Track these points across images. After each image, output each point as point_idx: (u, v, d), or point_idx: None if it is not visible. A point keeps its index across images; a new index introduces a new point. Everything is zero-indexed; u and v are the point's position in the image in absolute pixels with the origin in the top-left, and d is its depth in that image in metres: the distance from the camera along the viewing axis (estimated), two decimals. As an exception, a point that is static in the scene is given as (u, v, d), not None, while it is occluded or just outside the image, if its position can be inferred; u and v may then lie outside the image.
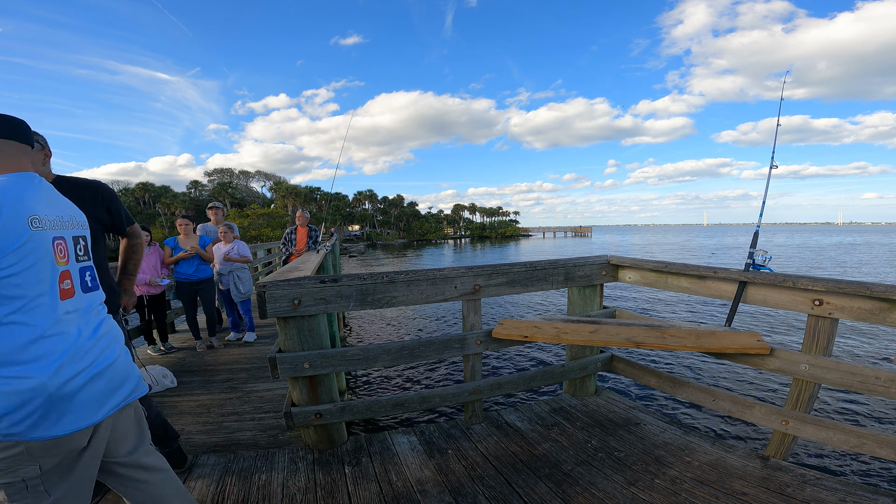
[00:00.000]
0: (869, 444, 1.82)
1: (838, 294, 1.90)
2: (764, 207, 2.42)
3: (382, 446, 2.35)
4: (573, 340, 2.37)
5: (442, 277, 2.39)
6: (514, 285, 2.59)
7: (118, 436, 1.26)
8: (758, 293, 2.20)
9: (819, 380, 1.95)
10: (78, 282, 1.21)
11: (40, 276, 1.09)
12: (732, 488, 1.86)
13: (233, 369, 4.11)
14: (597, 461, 2.14)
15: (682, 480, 1.95)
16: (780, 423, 2.06)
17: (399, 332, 9.56)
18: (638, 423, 2.53)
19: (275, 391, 3.47)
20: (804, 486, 1.85)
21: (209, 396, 3.42)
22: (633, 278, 2.79)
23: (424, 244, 67.14)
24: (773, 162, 2.34)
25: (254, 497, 1.93)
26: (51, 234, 1.14)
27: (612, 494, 1.87)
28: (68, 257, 1.19)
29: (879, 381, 1.77)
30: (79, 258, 1.24)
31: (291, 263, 4.44)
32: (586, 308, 2.89)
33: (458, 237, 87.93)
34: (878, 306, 1.80)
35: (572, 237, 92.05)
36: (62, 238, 1.18)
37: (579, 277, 2.77)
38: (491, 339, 2.52)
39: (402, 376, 6.36)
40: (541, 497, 1.87)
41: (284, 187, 66.18)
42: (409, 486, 1.97)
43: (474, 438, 2.42)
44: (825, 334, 1.97)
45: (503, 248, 48.53)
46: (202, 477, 2.09)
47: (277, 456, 2.29)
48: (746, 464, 2.05)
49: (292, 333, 2.19)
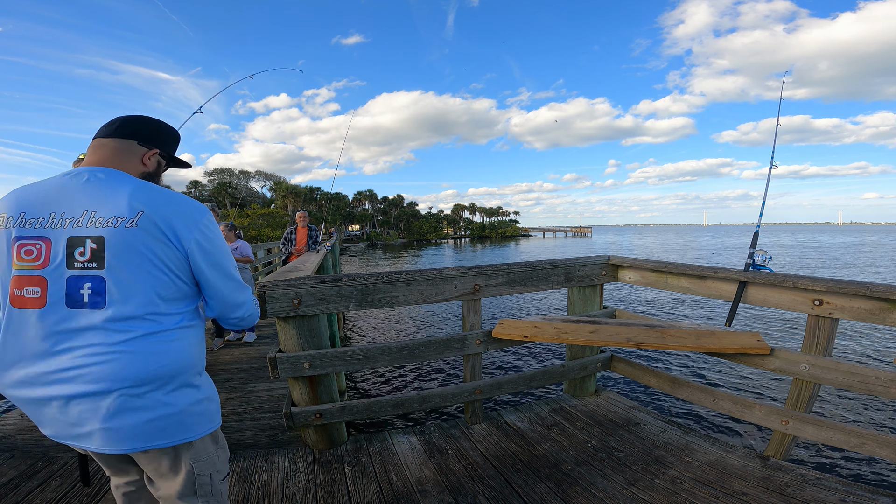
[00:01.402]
0: (869, 444, 1.82)
1: (838, 294, 1.90)
2: (764, 207, 2.42)
3: (382, 446, 2.35)
4: (573, 340, 2.37)
5: (442, 277, 2.39)
6: (514, 285, 2.59)
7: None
8: (758, 293, 2.20)
9: (819, 380, 1.95)
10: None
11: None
12: (732, 488, 1.86)
13: (233, 369, 4.11)
14: (597, 461, 2.14)
15: (682, 480, 1.95)
16: (780, 423, 2.06)
17: (399, 332, 9.56)
18: (638, 423, 2.53)
19: (275, 391, 3.47)
20: (804, 486, 1.85)
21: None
22: (633, 278, 2.79)
23: (424, 244, 67.15)
24: (773, 162, 2.34)
25: (254, 497, 1.93)
26: (11, 234, 1.00)
27: (612, 494, 1.87)
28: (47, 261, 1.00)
29: (879, 381, 1.77)
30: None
31: (291, 263, 4.44)
32: (586, 308, 2.89)
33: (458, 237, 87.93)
34: (878, 306, 1.80)
35: (572, 237, 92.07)
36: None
37: (579, 277, 2.77)
38: (491, 339, 2.52)
39: (402, 376, 6.36)
40: (541, 497, 1.87)
41: (284, 187, 66.18)
42: (409, 486, 1.97)
43: (474, 438, 2.42)
44: (825, 334, 1.97)
45: (503, 248, 48.54)
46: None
47: (277, 456, 2.29)
48: (746, 464, 2.05)
49: (292, 333, 2.19)
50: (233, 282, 1.18)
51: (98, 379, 0.96)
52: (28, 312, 0.97)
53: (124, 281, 0.99)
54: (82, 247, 0.98)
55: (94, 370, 0.96)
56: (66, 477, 2.08)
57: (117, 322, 0.99)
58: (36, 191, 1.03)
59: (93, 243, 0.98)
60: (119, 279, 0.99)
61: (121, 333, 0.99)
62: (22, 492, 1.96)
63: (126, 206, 0.99)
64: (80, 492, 1.95)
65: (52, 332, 0.97)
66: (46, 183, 1.05)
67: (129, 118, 1.16)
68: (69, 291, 0.97)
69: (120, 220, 0.98)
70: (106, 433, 0.99)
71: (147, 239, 1.00)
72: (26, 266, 0.98)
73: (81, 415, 0.98)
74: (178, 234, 1.04)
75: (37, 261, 0.98)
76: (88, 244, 0.98)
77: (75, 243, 0.98)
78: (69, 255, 0.98)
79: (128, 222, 0.99)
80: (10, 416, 2.97)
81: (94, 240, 0.98)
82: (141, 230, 0.99)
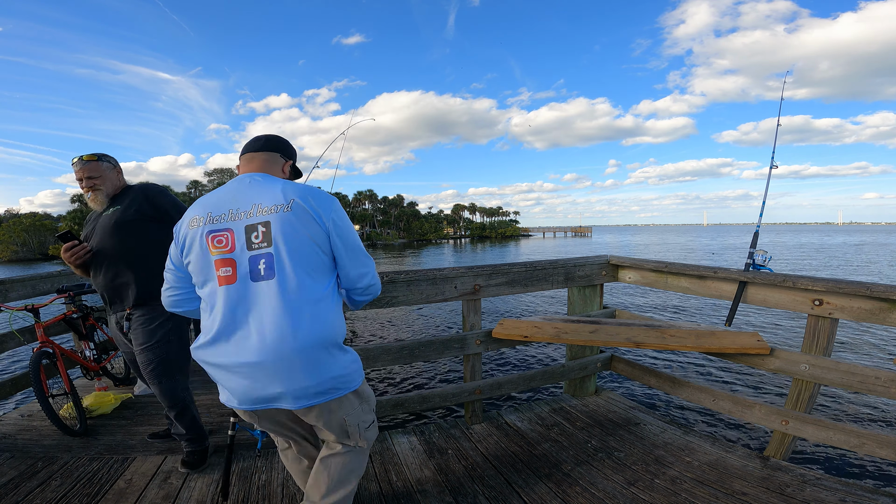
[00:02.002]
0: (869, 444, 1.82)
1: (838, 294, 1.90)
2: (764, 207, 2.42)
3: (382, 446, 2.35)
4: (573, 340, 2.37)
5: (442, 277, 2.39)
6: (514, 285, 2.59)
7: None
8: (758, 293, 2.20)
9: (819, 380, 1.95)
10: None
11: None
12: (732, 488, 1.86)
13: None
14: (597, 461, 2.14)
15: (682, 480, 1.95)
16: (780, 423, 2.06)
17: (399, 332, 9.56)
18: (638, 423, 2.53)
19: (275, 391, 3.47)
20: (804, 486, 1.85)
21: (209, 396, 3.42)
22: (633, 278, 2.79)
23: (424, 244, 67.15)
24: (773, 162, 2.34)
25: (254, 497, 1.93)
26: (206, 229, 1.28)
27: (612, 494, 1.87)
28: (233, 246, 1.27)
29: (879, 381, 1.77)
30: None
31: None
32: (586, 308, 2.89)
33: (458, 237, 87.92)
34: (878, 306, 1.80)
35: (572, 237, 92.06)
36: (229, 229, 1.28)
37: (579, 277, 2.77)
38: (491, 339, 2.52)
39: (402, 376, 6.36)
40: (541, 497, 1.87)
41: (284, 187, 66.14)
42: (409, 486, 1.97)
43: (474, 438, 2.42)
44: (825, 334, 1.97)
45: (503, 248, 48.52)
46: (202, 477, 2.09)
47: (277, 456, 2.29)
48: (746, 464, 2.05)
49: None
50: (359, 252, 1.41)
51: (280, 340, 1.21)
52: (225, 288, 1.25)
53: (285, 254, 1.24)
54: (256, 231, 1.26)
55: (276, 335, 1.21)
56: (66, 477, 2.08)
57: (285, 291, 1.23)
58: (216, 196, 1.33)
59: (262, 227, 1.25)
60: (282, 253, 1.24)
61: (289, 301, 1.23)
62: (22, 492, 1.95)
63: (281, 196, 1.28)
64: (80, 492, 1.95)
65: (243, 303, 1.23)
66: (222, 189, 1.35)
67: (272, 137, 1.49)
68: (251, 268, 1.24)
69: (279, 207, 1.26)
70: (294, 391, 1.26)
71: (300, 218, 1.27)
72: (219, 252, 1.26)
73: (273, 375, 1.23)
74: (320, 214, 1.29)
75: (226, 247, 1.26)
76: (260, 228, 1.26)
77: (251, 229, 1.26)
78: (248, 240, 1.25)
79: (285, 207, 1.26)
80: (10, 417, 2.96)
81: (262, 224, 1.25)
82: (294, 213, 1.26)
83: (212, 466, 2.19)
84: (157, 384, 2.10)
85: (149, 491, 1.95)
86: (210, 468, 2.17)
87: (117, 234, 2.05)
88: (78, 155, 2.09)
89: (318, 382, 1.28)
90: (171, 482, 2.03)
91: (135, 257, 2.07)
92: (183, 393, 2.16)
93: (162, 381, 2.09)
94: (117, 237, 2.05)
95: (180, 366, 2.17)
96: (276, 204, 1.27)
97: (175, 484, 2.02)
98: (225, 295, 1.24)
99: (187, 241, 1.30)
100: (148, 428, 2.68)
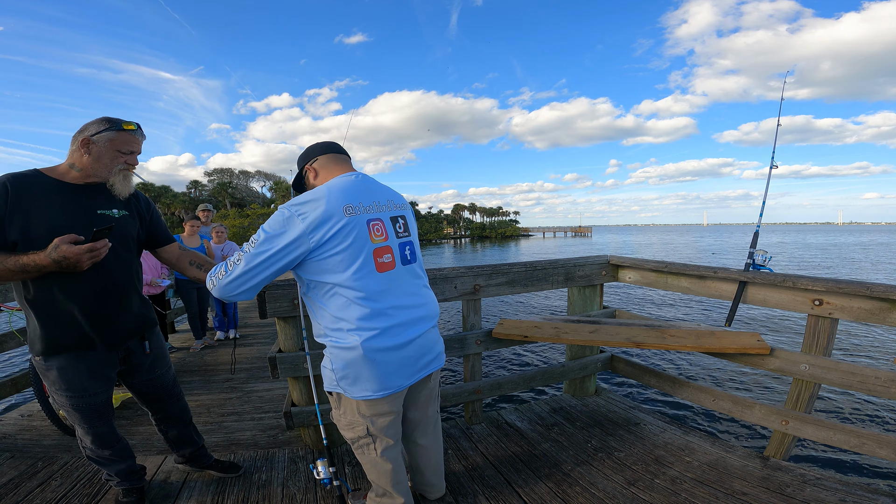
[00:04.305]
0: (869, 444, 1.82)
1: (838, 294, 1.90)
2: (764, 207, 2.42)
3: (382, 446, 2.35)
4: (573, 340, 2.37)
5: (442, 277, 2.39)
6: (514, 285, 2.59)
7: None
8: (758, 293, 2.20)
9: (819, 380, 1.95)
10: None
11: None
12: (732, 488, 1.86)
13: (232, 369, 4.11)
14: (597, 461, 2.14)
15: (682, 480, 1.95)
16: (780, 423, 2.06)
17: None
18: (638, 423, 2.53)
19: (275, 391, 3.47)
20: (804, 486, 1.85)
21: (209, 396, 3.42)
22: (633, 278, 2.79)
23: (424, 244, 67.15)
24: (773, 162, 2.34)
25: (254, 497, 1.93)
26: (365, 217, 1.38)
27: (612, 494, 1.87)
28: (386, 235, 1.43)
29: (879, 381, 1.77)
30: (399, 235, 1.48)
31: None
32: (586, 308, 2.89)
33: (458, 237, 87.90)
34: (879, 306, 1.80)
35: (572, 237, 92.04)
36: (378, 219, 1.42)
37: (579, 277, 2.77)
38: (491, 339, 2.52)
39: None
40: (541, 497, 1.87)
41: (284, 187, 66.15)
42: (409, 486, 1.97)
43: (474, 438, 2.42)
44: (825, 334, 1.97)
45: (503, 248, 48.52)
46: (202, 476, 2.09)
47: (277, 456, 2.29)
48: (746, 464, 2.05)
49: (292, 333, 2.19)
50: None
51: (429, 314, 1.51)
52: (387, 274, 1.39)
53: (416, 243, 1.55)
54: (399, 222, 1.48)
55: (431, 306, 1.53)
56: (66, 477, 2.08)
57: (420, 274, 1.53)
58: (345, 188, 1.39)
59: (402, 220, 1.50)
60: (415, 242, 1.54)
61: (423, 281, 1.55)
62: (22, 492, 1.96)
63: (401, 197, 1.57)
64: (80, 492, 1.95)
65: (402, 284, 1.43)
66: (346, 181, 1.43)
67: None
68: (402, 254, 1.45)
69: (405, 206, 1.55)
70: (438, 352, 1.56)
71: (413, 217, 1.59)
72: (379, 239, 1.39)
73: (430, 342, 1.51)
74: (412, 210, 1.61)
75: (382, 235, 1.40)
76: (400, 220, 1.49)
77: (395, 220, 1.47)
78: (395, 229, 1.45)
79: (408, 206, 1.58)
80: (10, 416, 2.97)
81: (401, 217, 1.50)
82: (410, 210, 1.59)
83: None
84: (179, 398, 1.95)
85: (149, 491, 1.95)
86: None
87: (133, 246, 1.70)
88: (130, 121, 1.60)
89: (442, 343, 1.60)
90: (171, 482, 2.03)
91: (139, 279, 1.76)
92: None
93: (182, 396, 1.97)
94: (133, 250, 1.70)
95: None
96: (403, 203, 1.55)
97: (175, 484, 2.02)
98: (388, 279, 1.38)
99: (347, 227, 1.31)
100: (148, 428, 2.68)
